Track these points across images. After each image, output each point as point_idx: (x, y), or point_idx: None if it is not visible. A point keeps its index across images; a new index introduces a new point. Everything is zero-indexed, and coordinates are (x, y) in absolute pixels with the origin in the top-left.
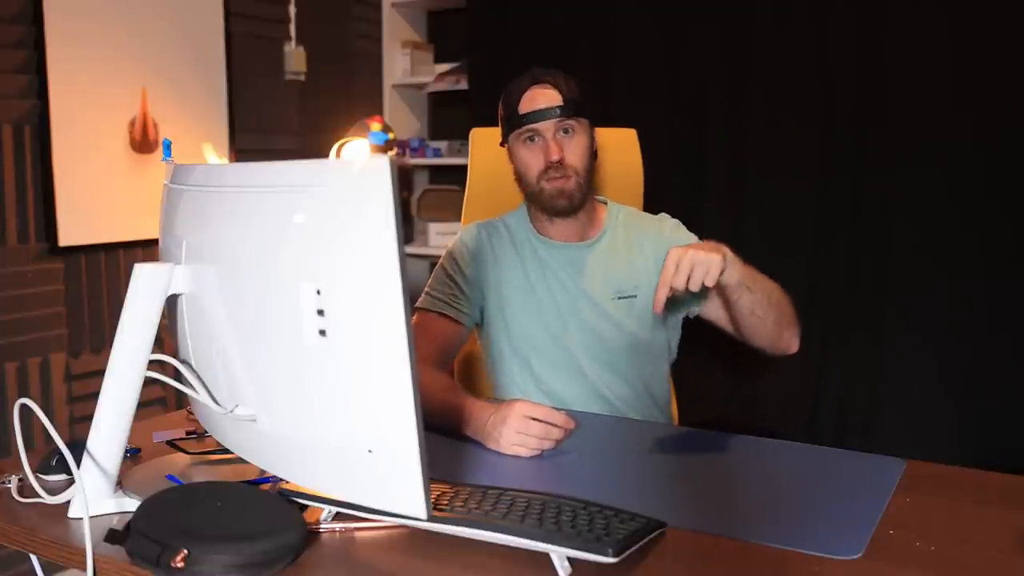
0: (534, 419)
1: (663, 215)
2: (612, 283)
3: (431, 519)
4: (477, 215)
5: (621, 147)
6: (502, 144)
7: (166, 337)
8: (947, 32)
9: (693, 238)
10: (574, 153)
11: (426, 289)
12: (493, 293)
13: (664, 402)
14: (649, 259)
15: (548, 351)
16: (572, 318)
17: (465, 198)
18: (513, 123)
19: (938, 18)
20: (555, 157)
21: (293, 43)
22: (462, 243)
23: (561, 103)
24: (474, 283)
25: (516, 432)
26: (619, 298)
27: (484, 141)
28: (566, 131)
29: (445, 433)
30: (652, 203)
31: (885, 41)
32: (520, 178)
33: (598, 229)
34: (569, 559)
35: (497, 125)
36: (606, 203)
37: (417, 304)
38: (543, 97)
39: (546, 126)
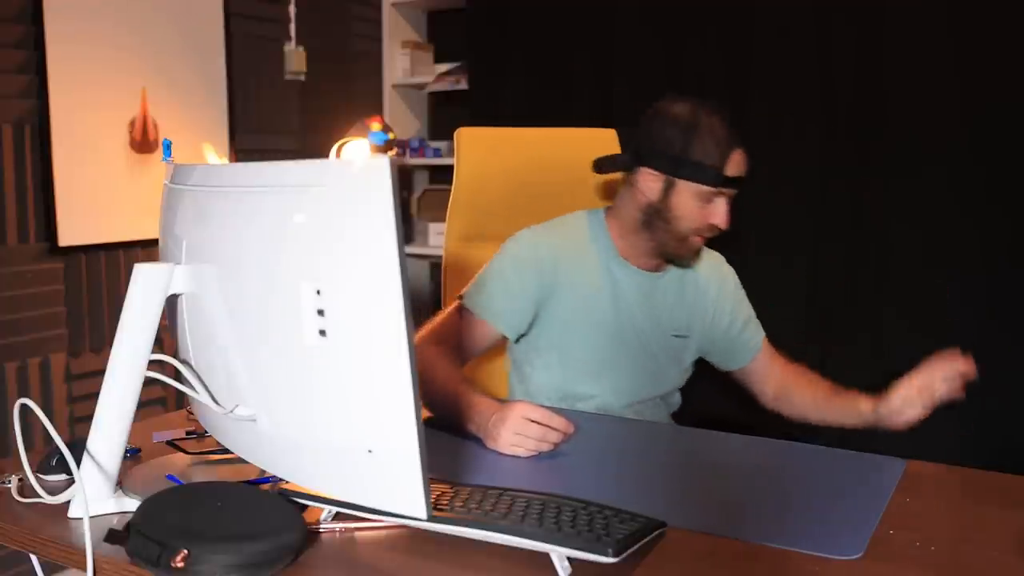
0: (533, 421)
1: (717, 256)
2: (673, 320)
3: (431, 519)
4: (464, 215)
5: (603, 148)
6: (644, 163)
7: (166, 337)
8: (947, 32)
9: (743, 292)
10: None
11: (476, 284)
12: (558, 306)
13: (675, 410)
14: (709, 306)
15: (590, 366)
16: (624, 346)
17: (451, 198)
18: (708, 178)
19: (938, 19)
20: (725, 225)
21: (293, 43)
22: (532, 254)
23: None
24: (533, 299)
25: (514, 433)
26: (675, 336)
27: (471, 140)
28: (731, 200)
29: (446, 428)
30: None
31: (885, 42)
32: (667, 219)
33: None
34: (569, 559)
35: (491, 124)
36: None
37: (465, 300)
38: (743, 164)
39: (730, 191)
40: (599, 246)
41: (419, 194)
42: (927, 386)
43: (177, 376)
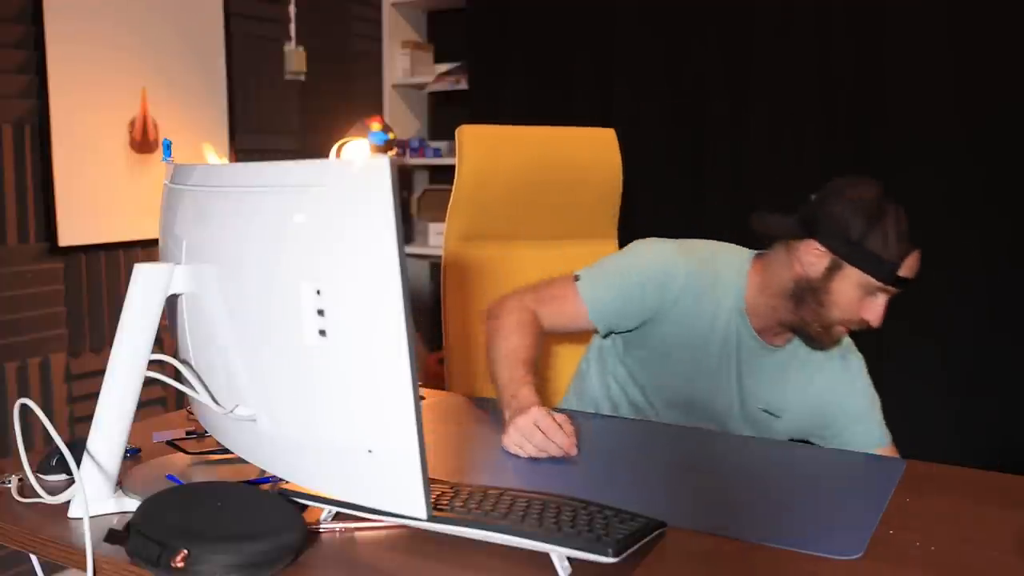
0: (539, 429)
1: (850, 344)
2: (769, 395)
3: (431, 519)
4: (464, 213)
5: (602, 148)
6: (815, 235)
7: (166, 337)
8: (947, 33)
9: (866, 384)
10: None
11: (600, 269)
12: (662, 325)
13: None
14: (811, 393)
15: (665, 393)
16: (706, 394)
17: (452, 197)
18: (881, 274)
19: (938, 19)
20: (877, 325)
21: (293, 43)
22: (664, 272)
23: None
24: (642, 312)
25: (520, 434)
26: (765, 411)
27: (473, 138)
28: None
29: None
30: (653, 204)
31: (885, 42)
32: (821, 302)
33: (788, 336)
34: (569, 559)
35: (491, 124)
36: None
37: (580, 275)
38: (914, 269)
39: (895, 292)
40: (733, 306)
41: (419, 194)
42: None
43: (177, 376)
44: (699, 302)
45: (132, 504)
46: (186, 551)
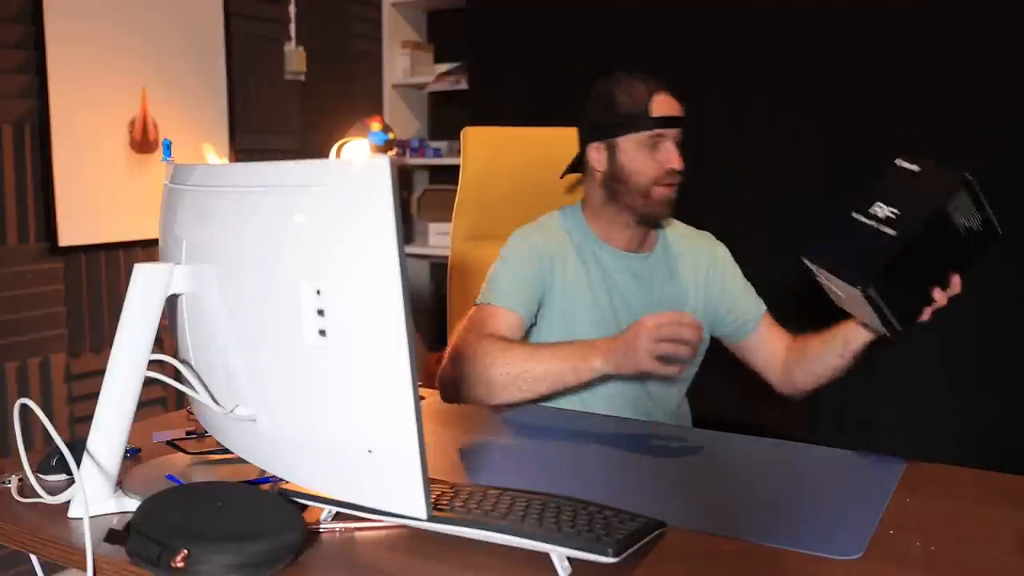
0: (662, 326)
1: (706, 234)
2: (665, 298)
3: (431, 519)
4: (470, 215)
5: None
6: (588, 140)
7: (166, 337)
8: (947, 32)
9: (738, 269)
10: (683, 165)
11: (485, 288)
12: (557, 298)
13: (689, 387)
14: (701, 279)
15: None
16: (621, 326)
17: (457, 198)
18: (639, 124)
19: (938, 19)
20: (679, 166)
21: (293, 43)
22: (526, 244)
23: (682, 115)
24: (537, 285)
25: (655, 341)
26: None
27: (478, 140)
28: (680, 144)
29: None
30: None
31: (885, 42)
32: (622, 179)
33: (654, 236)
34: (569, 559)
35: (491, 124)
36: None
37: (480, 299)
38: (671, 106)
39: (673, 133)
40: (580, 237)
41: (419, 194)
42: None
43: (177, 376)
44: (562, 260)
45: (132, 504)
46: (186, 551)
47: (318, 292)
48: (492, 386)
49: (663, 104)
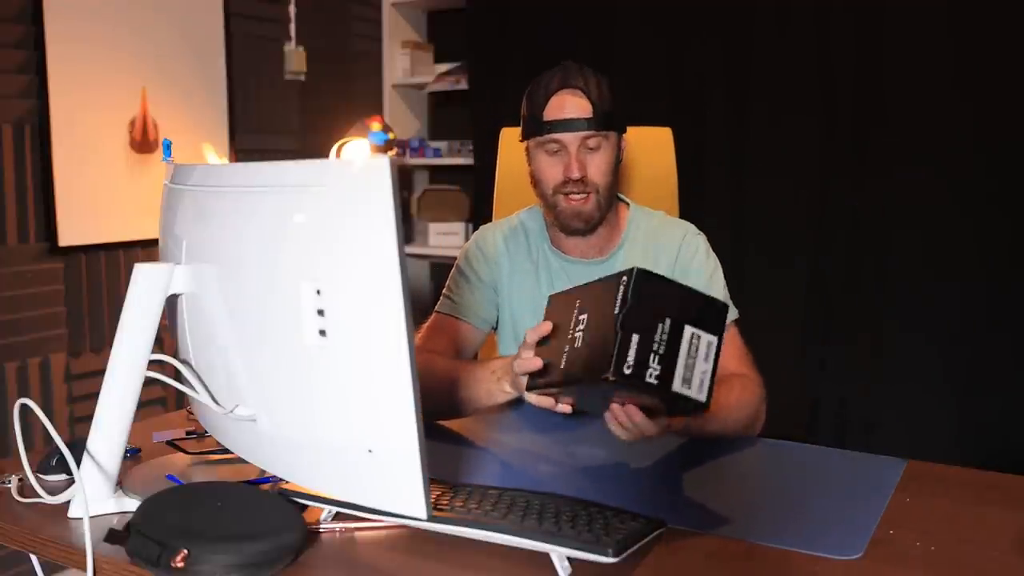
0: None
1: (688, 226)
2: None
3: (431, 519)
4: (507, 212)
5: (655, 147)
6: (522, 140)
7: (166, 337)
8: (947, 33)
9: (711, 261)
10: (597, 170)
11: (444, 292)
12: (507, 301)
13: None
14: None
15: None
16: None
17: (495, 197)
18: (535, 129)
19: (938, 18)
20: (575, 175)
21: (293, 43)
22: (477, 247)
23: (590, 115)
24: (491, 287)
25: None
26: None
27: (513, 140)
28: (591, 147)
29: (448, 413)
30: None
31: (885, 41)
32: (536, 184)
33: (616, 241)
34: (569, 559)
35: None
36: (628, 205)
37: (437, 309)
38: (571, 105)
39: (570, 139)
40: (537, 240)
41: (419, 194)
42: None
43: (177, 376)
44: (517, 258)
45: (132, 504)
46: (186, 551)
47: (318, 292)
48: (431, 404)
49: (558, 106)
